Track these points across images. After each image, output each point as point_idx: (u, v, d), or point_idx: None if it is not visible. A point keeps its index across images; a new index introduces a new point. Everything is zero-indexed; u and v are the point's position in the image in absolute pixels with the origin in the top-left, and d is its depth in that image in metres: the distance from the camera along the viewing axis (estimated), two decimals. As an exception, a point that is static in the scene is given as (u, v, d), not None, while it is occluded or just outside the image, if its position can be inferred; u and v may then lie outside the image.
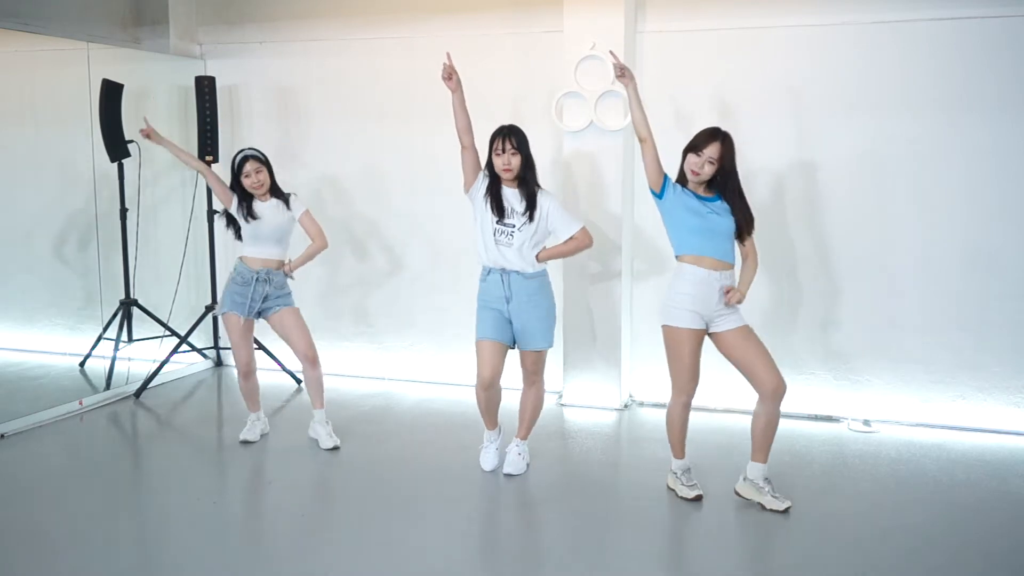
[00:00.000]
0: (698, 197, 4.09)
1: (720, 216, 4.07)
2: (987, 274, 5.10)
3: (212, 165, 6.30)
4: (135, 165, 6.04)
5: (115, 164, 5.95)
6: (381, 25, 6.11)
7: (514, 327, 4.43)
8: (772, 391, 4.04)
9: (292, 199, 4.98)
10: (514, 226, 4.37)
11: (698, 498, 4.21)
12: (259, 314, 4.94)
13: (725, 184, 4.08)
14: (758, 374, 4.06)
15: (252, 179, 4.81)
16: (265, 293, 4.88)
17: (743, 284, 4.13)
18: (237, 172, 4.85)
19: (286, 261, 4.98)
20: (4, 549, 3.77)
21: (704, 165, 4.03)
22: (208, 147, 6.22)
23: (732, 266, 4.12)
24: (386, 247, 6.27)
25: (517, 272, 4.39)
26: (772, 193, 5.38)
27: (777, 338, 5.48)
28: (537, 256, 4.42)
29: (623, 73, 4.23)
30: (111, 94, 5.83)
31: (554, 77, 5.60)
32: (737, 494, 4.20)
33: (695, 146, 4.06)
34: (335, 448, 4.92)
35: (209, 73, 6.40)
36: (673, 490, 4.30)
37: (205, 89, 6.21)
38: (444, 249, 6.13)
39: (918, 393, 5.28)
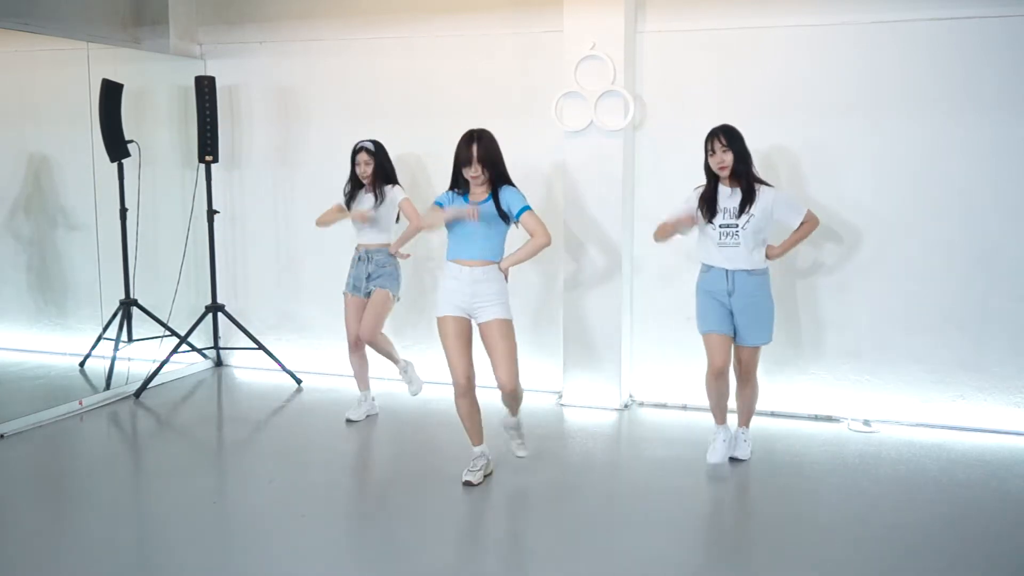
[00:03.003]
0: (467, 201, 4.36)
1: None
2: (987, 274, 5.10)
3: (212, 165, 6.33)
4: (135, 165, 6.04)
5: (115, 164, 5.95)
6: (381, 25, 6.11)
7: (735, 321, 4.53)
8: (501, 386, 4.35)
9: (388, 190, 5.32)
10: (736, 226, 4.44)
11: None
12: (368, 294, 5.35)
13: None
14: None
15: (361, 168, 5.34)
16: (368, 272, 5.32)
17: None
18: (352, 160, 5.37)
19: (391, 245, 5.29)
20: (4, 549, 3.76)
21: (475, 167, 4.28)
22: (208, 147, 6.22)
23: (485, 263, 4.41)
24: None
25: (742, 271, 4.48)
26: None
27: (777, 338, 5.49)
28: (767, 254, 4.57)
29: None
30: (111, 94, 5.83)
31: (554, 77, 5.60)
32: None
33: (467, 161, 4.28)
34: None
35: (209, 73, 6.40)
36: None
37: (205, 89, 6.21)
38: (442, 249, 6.11)
39: (918, 393, 5.28)
